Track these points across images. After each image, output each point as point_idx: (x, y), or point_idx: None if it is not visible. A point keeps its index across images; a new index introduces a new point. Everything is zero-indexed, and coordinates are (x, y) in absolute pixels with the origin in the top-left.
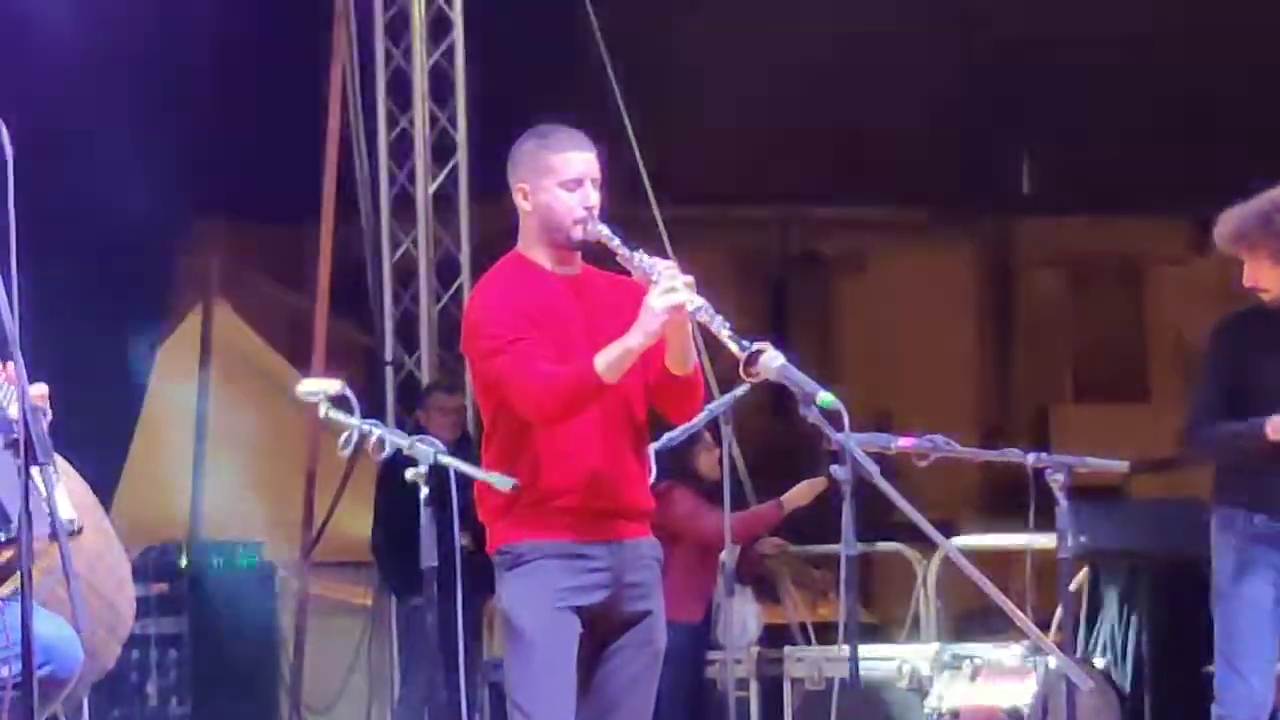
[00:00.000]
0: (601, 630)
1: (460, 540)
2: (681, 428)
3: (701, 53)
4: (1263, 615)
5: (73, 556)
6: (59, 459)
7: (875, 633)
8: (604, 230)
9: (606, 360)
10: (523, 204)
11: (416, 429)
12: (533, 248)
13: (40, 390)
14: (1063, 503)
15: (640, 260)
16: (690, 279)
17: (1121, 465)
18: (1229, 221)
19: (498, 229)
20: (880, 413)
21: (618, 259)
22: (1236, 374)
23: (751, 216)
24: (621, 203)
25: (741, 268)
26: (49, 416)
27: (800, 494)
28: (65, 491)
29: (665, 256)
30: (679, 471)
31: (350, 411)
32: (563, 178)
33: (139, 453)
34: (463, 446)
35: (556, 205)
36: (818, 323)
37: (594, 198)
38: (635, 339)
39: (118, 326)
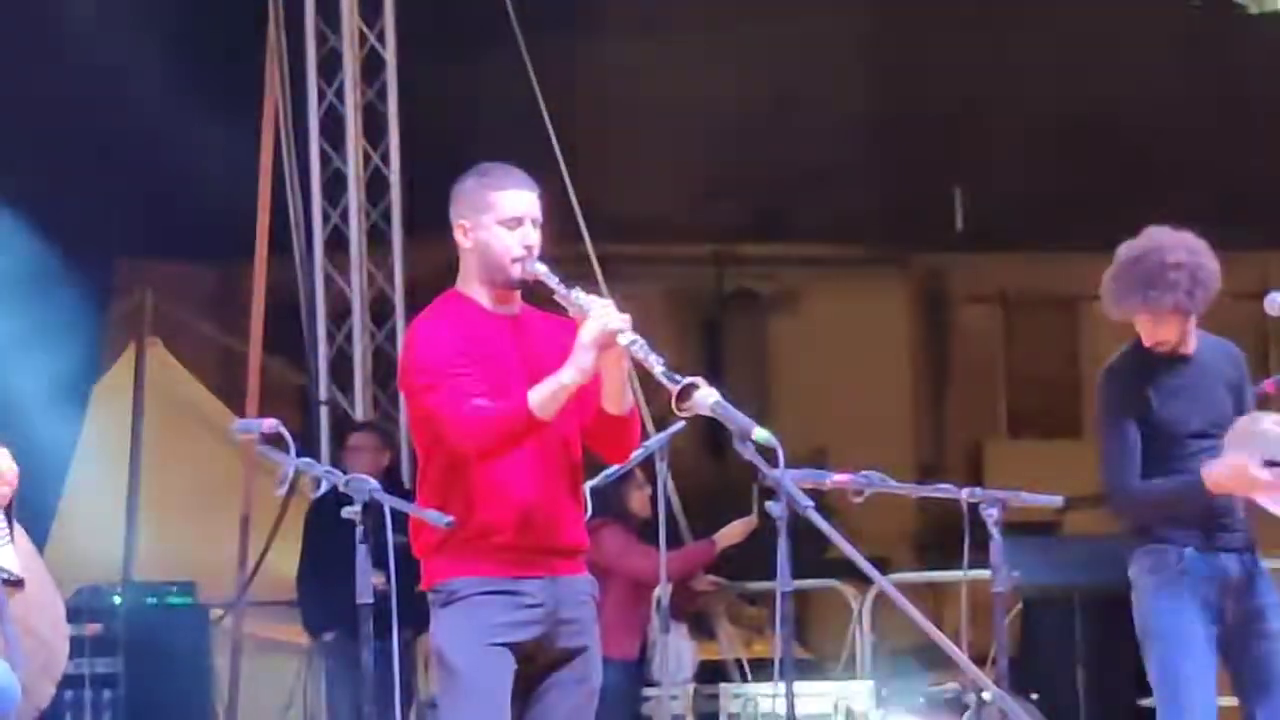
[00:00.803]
0: (536, 667)
1: (376, 580)
2: (617, 466)
3: (637, 91)
4: (1201, 651)
5: (8, 601)
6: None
7: (811, 669)
8: (542, 269)
9: (540, 396)
10: (463, 241)
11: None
12: (472, 286)
13: (7, 464)
14: (996, 538)
15: (577, 298)
16: (627, 317)
17: (1056, 500)
18: (1105, 296)
19: (432, 267)
20: (816, 449)
21: (555, 297)
22: (1140, 420)
23: (687, 254)
24: (556, 240)
25: (677, 306)
26: (12, 487)
27: (733, 532)
28: (13, 546)
29: (601, 295)
30: (611, 509)
31: (285, 450)
32: (503, 216)
33: (73, 492)
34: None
35: (495, 243)
36: (753, 360)
37: (534, 237)
38: (569, 375)
39: (50, 367)
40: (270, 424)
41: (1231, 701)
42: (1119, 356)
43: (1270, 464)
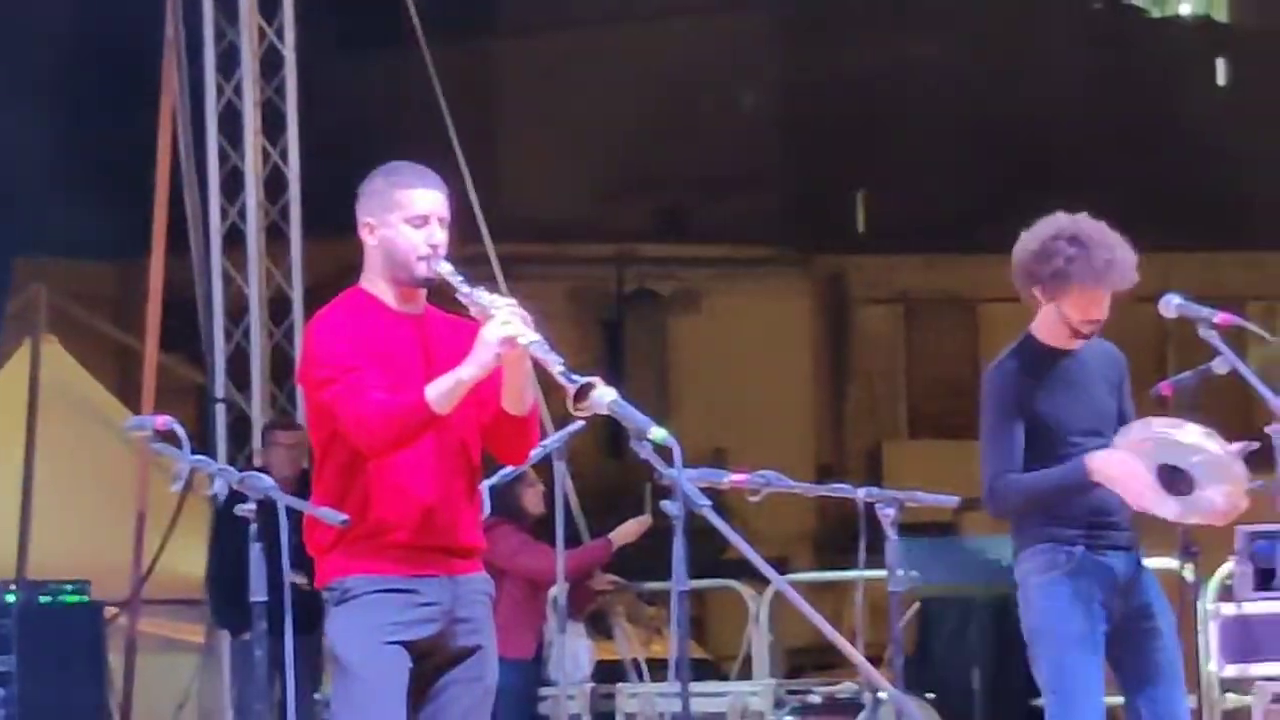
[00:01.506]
0: (431, 665)
1: (297, 577)
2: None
3: (540, 92)
4: (1090, 649)
5: None
6: None
7: (709, 669)
8: (447, 268)
9: (439, 390)
10: (368, 239)
11: (254, 465)
12: (376, 283)
13: None
14: (892, 538)
15: (480, 298)
16: (529, 317)
17: (951, 500)
18: (1030, 277)
19: (331, 265)
20: (715, 449)
21: (459, 297)
22: (1026, 418)
23: (588, 254)
24: (457, 241)
25: (578, 305)
26: None
27: (629, 530)
28: None
29: (503, 295)
30: (504, 508)
31: (179, 447)
32: (409, 214)
33: None
34: (304, 482)
35: (401, 241)
36: (653, 360)
37: (440, 236)
38: (468, 370)
39: None
40: (163, 421)
41: (1119, 700)
42: (1005, 353)
43: (1165, 469)
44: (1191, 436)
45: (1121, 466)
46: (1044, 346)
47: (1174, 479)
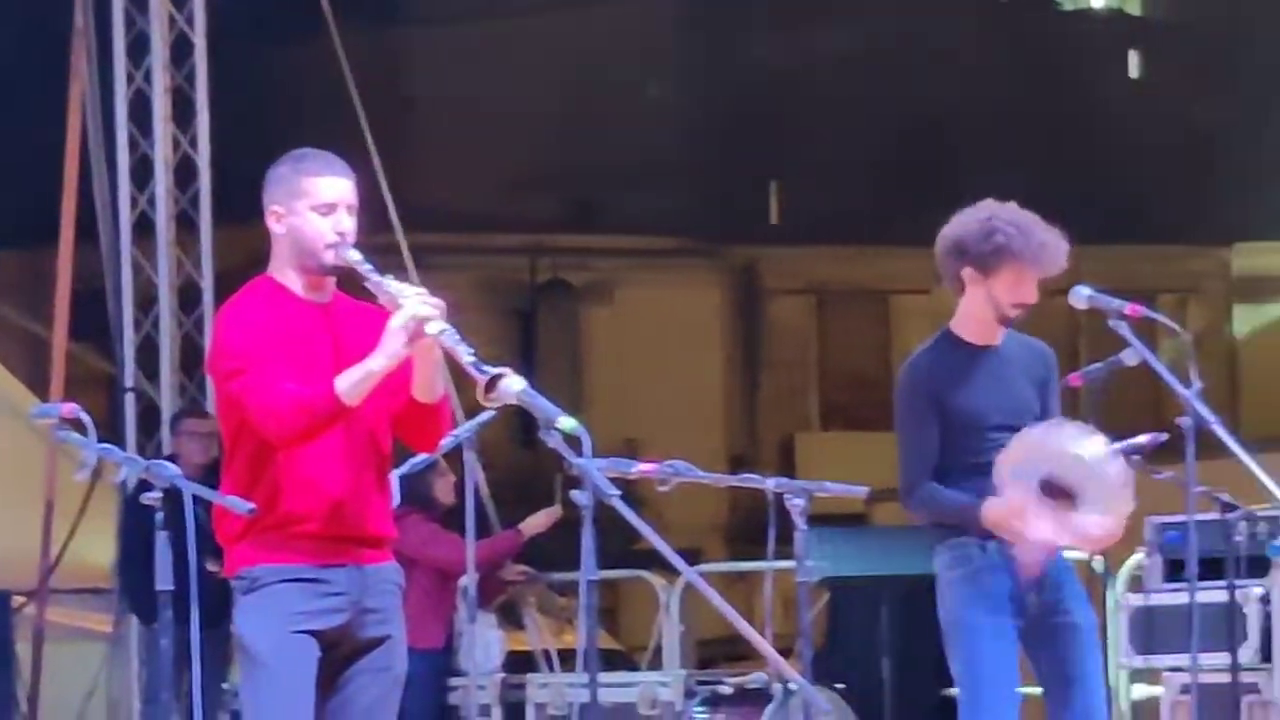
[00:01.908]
0: (340, 655)
1: (210, 565)
2: (425, 455)
3: (451, 82)
4: (1004, 644)
5: None
6: None
7: (620, 659)
8: (355, 256)
9: (349, 382)
10: (275, 227)
11: (166, 455)
12: (284, 271)
13: None
14: (802, 528)
15: (389, 286)
16: (441, 304)
17: (860, 490)
18: (956, 260)
19: (241, 254)
20: (627, 440)
21: (367, 285)
22: (941, 413)
23: (500, 245)
24: (368, 230)
25: (490, 296)
26: None
27: (539, 521)
28: None
29: (413, 284)
30: (415, 497)
31: (85, 435)
32: (316, 202)
33: None
34: (216, 471)
35: (308, 229)
36: (566, 351)
37: (347, 224)
38: (378, 361)
39: None
40: (69, 408)
41: (1035, 690)
42: (921, 349)
43: (1047, 484)
44: (1094, 454)
45: (1011, 518)
46: (963, 342)
47: (1056, 490)
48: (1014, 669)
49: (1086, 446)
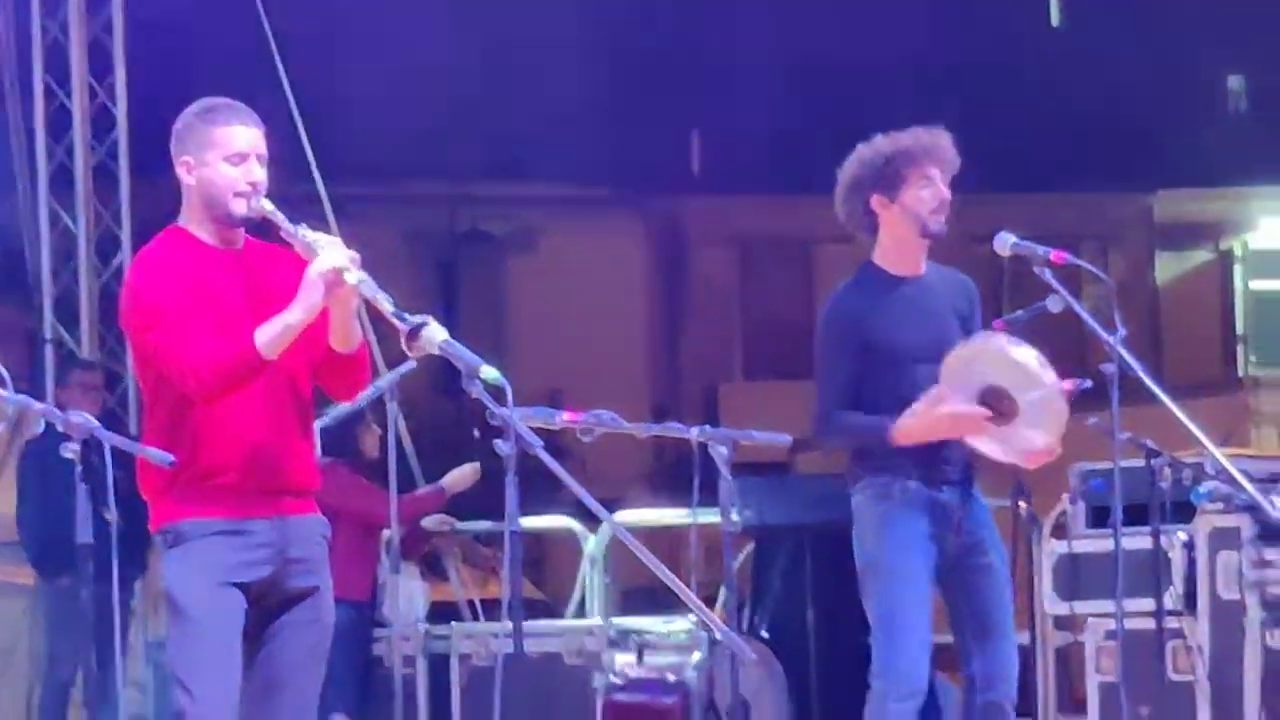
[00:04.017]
0: (267, 606)
1: (110, 517)
2: (346, 405)
3: (370, 30)
4: (921, 586)
5: None
6: None
7: (544, 609)
8: (268, 206)
9: (267, 336)
10: (186, 178)
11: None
12: (194, 222)
13: None
14: (726, 477)
15: (304, 235)
16: (355, 254)
17: (784, 439)
18: (869, 179)
19: (160, 204)
20: (551, 389)
21: (282, 234)
22: (863, 347)
23: (422, 194)
24: (288, 180)
25: (411, 246)
26: None
27: (462, 476)
28: None
29: (332, 235)
30: (340, 449)
31: (2, 387)
32: (226, 152)
33: None
34: (104, 424)
35: (219, 180)
36: (488, 300)
37: (258, 173)
38: (295, 314)
39: None
40: None
41: (946, 638)
42: (844, 284)
43: (988, 392)
44: (1031, 362)
45: (929, 425)
46: (885, 273)
47: (997, 401)
48: (927, 611)
49: (1024, 354)
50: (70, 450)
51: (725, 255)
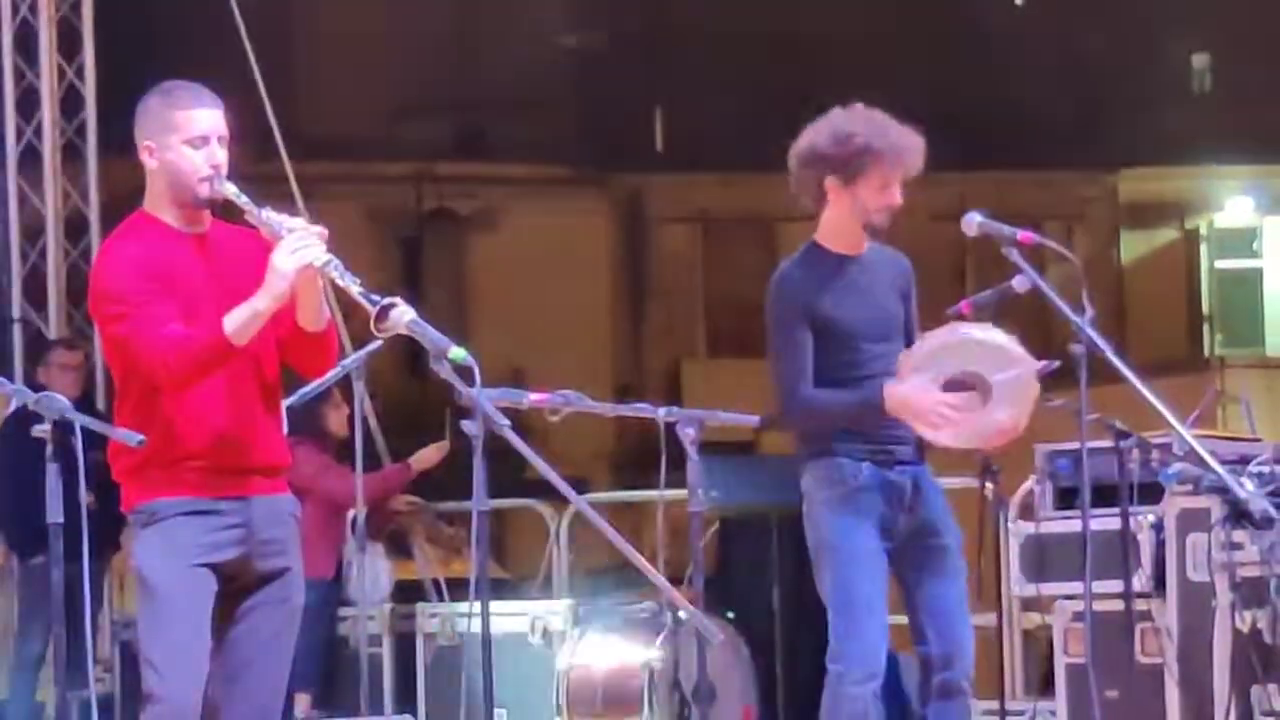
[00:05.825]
0: (237, 587)
1: (85, 498)
2: (314, 384)
3: (335, 8)
4: (876, 566)
5: None
6: None
7: (509, 589)
8: (231, 188)
9: (235, 323)
10: (149, 162)
11: (37, 386)
12: (159, 206)
13: None
14: (693, 457)
15: (269, 218)
16: (323, 231)
17: (752, 419)
18: (819, 166)
19: (129, 184)
20: (515, 369)
21: (247, 218)
22: (813, 324)
23: (386, 173)
24: (254, 159)
25: (376, 225)
26: None
27: (429, 455)
28: None
29: (297, 214)
30: (307, 428)
31: None
32: (188, 135)
33: None
34: (85, 404)
35: (182, 163)
36: (452, 279)
37: (220, 155)
38: (263, 301)
39: None
40: None
41: (901, 620)
42: (788, 261)
43: (952, 383)
44: (1000, 341)
45: (918, 403)
46: (829, 252)
47: (968, 386)
48: (883, 593)
49: (991, 334)
50: (41, 430)
51: (688, 233)
